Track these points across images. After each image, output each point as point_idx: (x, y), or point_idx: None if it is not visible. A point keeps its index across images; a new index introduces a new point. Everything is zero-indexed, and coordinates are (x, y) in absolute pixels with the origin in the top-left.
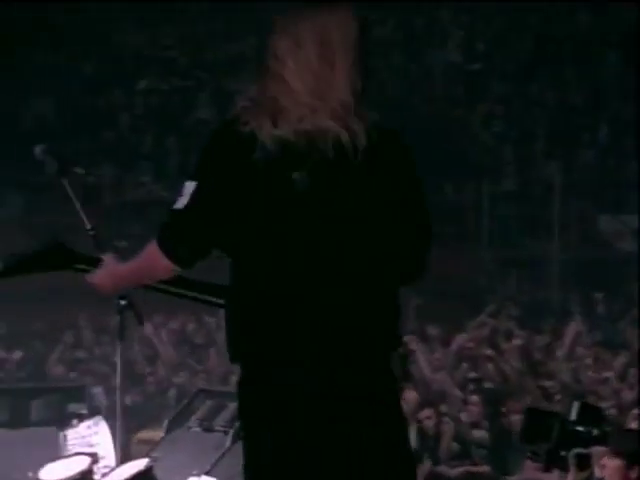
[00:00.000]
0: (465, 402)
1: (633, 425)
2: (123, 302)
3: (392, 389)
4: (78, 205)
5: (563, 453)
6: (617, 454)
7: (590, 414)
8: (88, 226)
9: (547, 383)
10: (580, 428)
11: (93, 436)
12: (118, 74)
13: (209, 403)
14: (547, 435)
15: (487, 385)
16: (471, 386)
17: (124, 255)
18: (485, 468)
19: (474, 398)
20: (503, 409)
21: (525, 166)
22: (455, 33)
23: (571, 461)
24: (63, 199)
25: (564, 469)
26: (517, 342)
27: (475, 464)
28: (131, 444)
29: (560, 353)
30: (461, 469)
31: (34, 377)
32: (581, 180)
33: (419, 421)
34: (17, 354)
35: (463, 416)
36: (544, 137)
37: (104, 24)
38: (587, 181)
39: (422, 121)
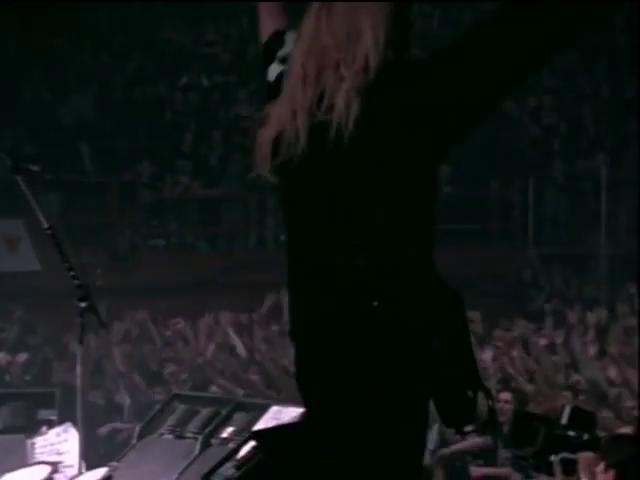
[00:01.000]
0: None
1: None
2: (84, 304)
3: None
4: (34, 203)
5: (551, 457)
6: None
7: (581, 419)
8: (45, 225)
9: (574, 378)
10: (570, 433)
11: (62, 444)
12: (160, 71)
13: (182, 408)
14: (533, 439)
15: (514, 385)
16: (498, 386)
17: (161, 255)
18: (507, 470)
19: (505, 395)
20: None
21: (573, 159)
22: None
23: (556, 466)
24: (99, 199)
25: (550, 474)
26: (543, 342)
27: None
28: None
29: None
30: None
31: (39, 381)
32: (629, 174)
33: None
34: (22, 357)
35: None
36: (592, 130)
37: (148, 21)
38: (635, 175)
39: None
